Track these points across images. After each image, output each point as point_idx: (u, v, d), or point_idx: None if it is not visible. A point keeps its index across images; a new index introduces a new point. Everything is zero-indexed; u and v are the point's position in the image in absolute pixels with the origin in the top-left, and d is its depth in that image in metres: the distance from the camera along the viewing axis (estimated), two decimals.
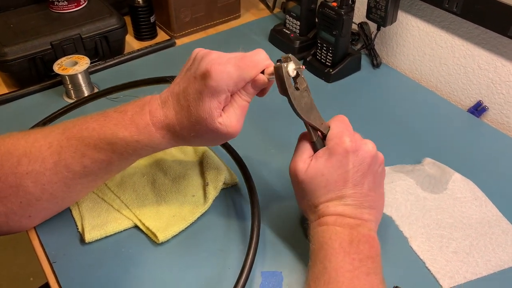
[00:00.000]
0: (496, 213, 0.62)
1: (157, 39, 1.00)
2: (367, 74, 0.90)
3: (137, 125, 0.50)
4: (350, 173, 0.51)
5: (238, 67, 0.48)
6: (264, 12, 1.10)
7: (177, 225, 0.58)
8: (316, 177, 0.52)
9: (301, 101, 0.51)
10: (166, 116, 0.50)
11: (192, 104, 0.48)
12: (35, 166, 0.51)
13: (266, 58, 0.50)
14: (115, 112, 0.52)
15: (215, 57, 0.48)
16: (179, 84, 0.51)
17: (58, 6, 0.90)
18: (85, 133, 0.51)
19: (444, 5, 0.75)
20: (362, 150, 0.52)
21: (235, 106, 0.50)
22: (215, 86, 0.47)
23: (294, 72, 0.49)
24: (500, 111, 0.78)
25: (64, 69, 0.78)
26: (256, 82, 0.49)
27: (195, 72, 0.49)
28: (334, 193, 0.52)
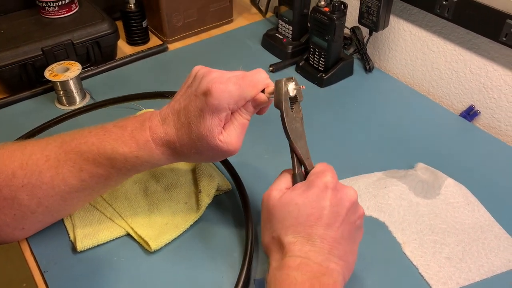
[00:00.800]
0: (488, 218, 0.62)
1: (150, 44, 1.00)
2: (359, 78, 0.90)
3: (137, 141, 0.50)
4: (325, 210, 0.47)
5: (239, 86, 0.49)
6: (256, 17, 1.10)
7: (169, 233, 0.58)
8: (289, 204, 0.48)
9: (293, 123, 0.51)
10: (166, 133, 0.50)
11: (193, 121, 0.49)
12: (31, 179, 0.50)
13: (266, 77, 0.51)
14: (115, 127, 0.51)
15: (216, 76, 0.49)
16: (179, 101, 0.51)
17: (49, 11, 0.89)
18: (84, 147, 0.51)
19: (435, 10, 0.76)
20: (343, 193, 0.48)
21: (236, 124, 0.51)
22: (216, 104, 0.48)
23: (293, 92, 0.51)
24: (492, 116, 0.78)
25: (56, 76, 0.78)
26: (257, 101, 0.50)
27: (196, 90, 0.49)
28: (304, 228, 0.47)
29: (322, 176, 0.49)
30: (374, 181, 0.67)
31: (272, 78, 0.91)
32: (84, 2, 0.95)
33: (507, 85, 0.74)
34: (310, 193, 0.48)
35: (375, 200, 0.64)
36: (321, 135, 0.76)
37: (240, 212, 0.62)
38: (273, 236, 0.48)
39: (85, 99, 0.82)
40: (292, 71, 0.91)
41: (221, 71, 0.51)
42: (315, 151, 0.56)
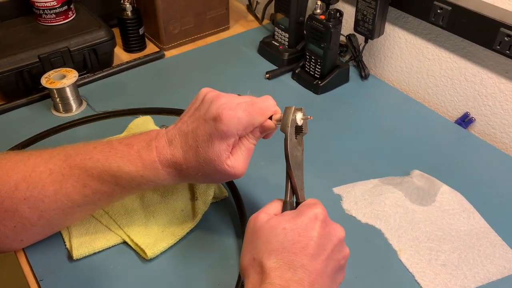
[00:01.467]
0: (484, 225, 0.63)
1: (146, 51, 1.00)
2: (355, 85, 0.90)
3: (143, 161, 0.51)
4: (312, 241, 0.45)
5: (248, 113, 0.50)
6: (253, 24, 1.11)
7: (166, 241, 0.57)
8: (276, 228, 0.46)
9: (294, 150, 0.52)
10: (173, 155, 0.51)
11: (201, 145, 0.50)
12: (34, 192, 0.50)
13: (274, 104, 0.52)
14: (121, 144, 0.52)
15: (225, 102, 0.49)
16: (187, 123, 0.51)
17: (46, 18, 0.90)
18: (89, 163, 0.51)
19: (430, 19, 0.76)
20: (332, 227, 0.47)
21: (243, 149, 0.52)
22: (225, 130, 0.49)
23: (301, 121, 0.52)
24: (487, 123, 0.79)
25: (52, 83, 0.78)
26: (265, 127, 0.52)
27: (205, 114, 0.50)
28: (288, 255, 0.44)
29: (313, 207, 0.47)
30: (370, 188, 0.67)
31: (269, 85, 0.92)
32: (81, 9, 0.95)
33: (502, 92, 0.75)
34: (299, 220, 0.46)
35: (371, 207, 0.64)
36: (317, 142, 0.76)
37: (237, 219, 0.62)
38: (254, 257, 0.45)
39: (81, 107, 0.82)
40: (288, 78, 0.91)
41: (229, 96, 0.51)
42: (311, 158, 0.57)
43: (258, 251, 0.45)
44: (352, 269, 0.57)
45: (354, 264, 0.58)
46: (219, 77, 0.92)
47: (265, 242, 0.45)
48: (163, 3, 0.94)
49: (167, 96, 0.86)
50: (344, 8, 0.94)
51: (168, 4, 0.95)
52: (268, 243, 0.45)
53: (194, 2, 0.98)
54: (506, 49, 0.68)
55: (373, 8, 0.79)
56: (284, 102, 0.85)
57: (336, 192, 0.67)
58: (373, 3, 0.79)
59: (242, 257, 0.47)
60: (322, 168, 0.71)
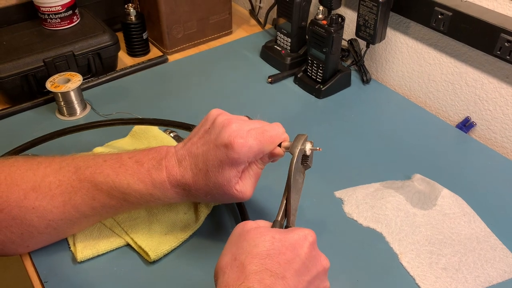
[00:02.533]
0: (484, 229, 0.63)
1: (150, 55, 1.01)
2: (357, 90, 0.91)
3: (153, 180, 0.51)
4: (298, 258, 0.43)
5: (259, 142, 0.51)
6: (255, 28, 1.12)
7: (169, 244, 0.58)
8: (265, 234, 0.44)
9: (297, 174, 0.52)
10: (183, 176, 0.52)
11: (211, 170, 0.51)
12: (43, 202, 0.51)
13: (283, 132, 0.54)
14: (131, 160, 0.52)
15: (236, 129, 0.50)
16: (196, 145, 0.52)
17: (51, 23, 0.91)
18: (99, 178, 0.51)
19: (431, 24, 0.77)
20: (319, 255, 0.46)
21: (251, 174, 0.53)
22: (236, 158, 0.50)
23: (309, 151, 0.53)
24: (488, 127, 0.79)
25: (57, 87, 0.79)
26: (274, 155, 0.53)
27: (216, 139, 0.51)
28: (272, 263, 0.42)
29: (304, 229, 0.46)
30: (371, 192, 0.68)
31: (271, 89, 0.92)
32: (85, 14, 0.96)
33: (502, 97, 0.75)
34: (289, 236, 0.44)
35: (372, 211, 0.65)
36: (318, 146, 0.76)
37: (239, 222, 0.62)
38: (236, 258, 0.43)
39: (85, 110, 0.83)
40: (291, 83, 0.92)
41: (240, 122, 0.51)
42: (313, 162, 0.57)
43: (242, 253, 0.43)
44: (353, 272, 0.58)
45: (355, 268, 0.58)
46: (222, 81, 0.92)
47: (251, 245, 0.43)
48: (166, 8, 0.95)
49: (171, 100, 0.87)
50: (346, 13, 0.95)
51: (171, 9, 0.96)
52: (254, 246, 0.43)
53: (197, 7, 0.99)
54: (506, 55, 0.69)
55: (374, 14, 0.80)
56: (286, 106, 0.86)
57: (338, 196, 0.68)
58: (375, 9, 0.79)
59: (222, 257, 0.45)
60: (324, 172, 0.71)
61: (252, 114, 0.55)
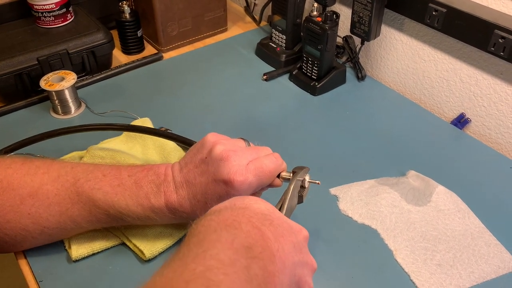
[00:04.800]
0: (478, 225, 0.63)
1: (145, 53, 1.01)
2: (352, 87, 0.91)
3: (151, 205, 0.52)
4: (294, 236, 0.43)
5: (258, 178, 0.51)
6: (250, 25, 1.12)
7: (163, 242, 0.58)
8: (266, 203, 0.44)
9: (292, 198, 0.52)
10: (181, 205, 0.52)
11: (210, 203, 0.51)
12: (39, 209, 0.51)
13: (282, 163, 0.54)
14: (130, 180, 0.52)
15: (235, 165, 0.50)
16: (194, 174, 0.52)
17: (45, 21, 0.90)
18: (97, 195, 0.51)
19: (425, 20, 0.77)
20: (308, 254, 0.45)
21: None
22: (236, 195, 0.49)
23: (307, 183, 0.53)
24: (482, 123, 0.80)
25: (51, 85, 0.78)
26: (273, 186, 0.54)
27: (214, 174, 0.50)
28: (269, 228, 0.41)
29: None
30: (366, 188, 0.68)
31: (266, 86, 0.92)
32: (79, 12, 0.96)
33: (496, 93, 0.75)
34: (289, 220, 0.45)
35: (367, 208, 0.65)
36: (313, 143, 0.76)
37: None
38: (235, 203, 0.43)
39: (80, 108, 0.83)
40: (286, 80, 0.92)
41: (238, 154, 0.50)
42: (307, 159, 0.57)
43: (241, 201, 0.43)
44: (348, 269, 0.58)
45: (350, 264, 0.59)
46: (217, 79, 0.92)
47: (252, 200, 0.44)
48: (161, 6, 0.95)
49: (166, 98, 0.87)
50: (341, 10, 0.95)
51: (166, 6, 0.95)
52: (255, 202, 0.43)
53: (192, 4, 0.99)
54: (500, 51, 0.69)
55: (369, 10, 0.80)
56: (282, 103, 0.86)
57: (333, 193, 0.68)
58: (369, 5, 0.79)
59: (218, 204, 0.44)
60: (319, 169, 0.71)
61: (248, 112, 0.55)
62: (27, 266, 0.58)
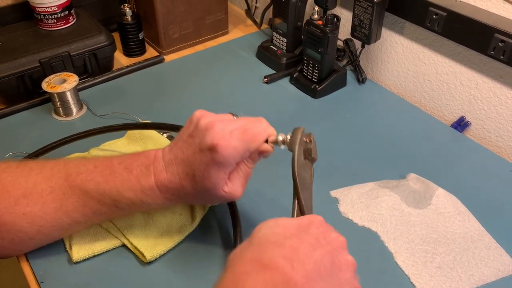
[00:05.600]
0: (479, 228, 0.63)
1: (146, 56, 1.01)
2: (352, 90, 0.91)
3: (142, 187, 0.51)
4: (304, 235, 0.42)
5: (242, 141, 0.49)
6: (251, 28, 1.12)
7: (164, 244, 0.58)
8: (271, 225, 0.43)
9: (302, 171, 0.50)
10: (171, 181, 0.51)
11: (198, 175, 0.50)
12: (34, 208, 0.51)
13: (268, 126, 0.52)
14: (120, 166, 0.52)
15: (219, 131, 0.49)
16: (182, 149, 0.52)
17: (47, 23, 0.91)
18: (89, 186, 0.51)
19: (426, 24, 0.77)
20: (330, 232, 0.44)
21: (240, 174, 0.52)
22: (222, 161, 0.49)
23: (309, 143, 0.52)
24: (482, 126, 0.80)
25: (53, 87, 0.79)
26: (262, 152, 0.51)
27: (200, 144, 0.50)
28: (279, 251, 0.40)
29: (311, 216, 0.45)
30: (366, 191, 0.68)
31: (267, 89, 0.92)
32: (81, 14, 0.96)
33: (496, 97, 0.76)
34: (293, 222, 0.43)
35: (367, 210, 0.65)
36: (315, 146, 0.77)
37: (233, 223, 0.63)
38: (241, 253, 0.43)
39: (82, 110, 0.83)
40: (287, 83, 0.92)
41: (223, 122, 0.50)
42: None
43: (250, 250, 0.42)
44: None
45: None
46: (218, 81, 0.93)
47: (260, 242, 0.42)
48: (162, 8, 0.95)
49: (167, 100, 0.87)
50: (341, 13, 0.95)
51: (167, 9, 0.96)
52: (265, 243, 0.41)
53: (193, 7, 0.99)
54: (500, 54, 0.69)
55: (369, 14, 0.80)
56: (282, 105, 0.86)
57: (333, 195, 0.68)
58: (370, 9, 0.80)
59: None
60: (319, 171, 0.71)
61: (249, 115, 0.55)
62: (29, 267, 0.58)
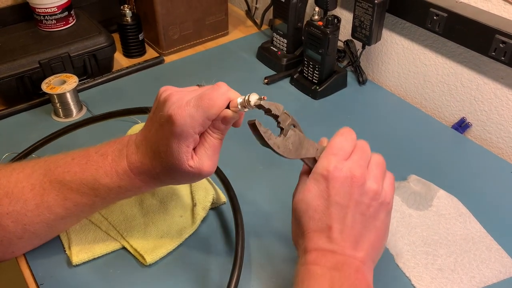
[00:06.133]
0: (480, 230, 0.63)
1: (146, 56, 1.01)
2: (353, 91, 0.91)
3: (117, 171, 0.50)
4: (329, 202, 0.47)
5: (199, 108, 0.45)
6: (252, 29, 1.12)
7: (164, 247, 0.58)
8: (299, 203, 0.49)
9: (287, 144, 0.48)
10: (142, 162, 0.49)
11: (162, 151, 0.47)
12: (16, 207, 0.51)
13: (227, 90, 0.47)
14: (96, 154, 0.51)
15: (175, 101, 0.46)
16: (149, 128, 0.49)
17: (46, 24, 0.90)
18: (67, 177, 0.51)
19: (427, 25, 0.77)
20: (343, 177, 0.47)
21: (206, 146, 0.48)
22: (179, 132, 0.45)
23: (257, 102, 0.46)
24: (483, 128, 0.80)
25: (53, 88, 0.79)
26: (224, 118, 0.47)
27: (160, 117, 0.47)
28: (315, 223, 0.47)
29: (321, 169, 0.48)
30: None
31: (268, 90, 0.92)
32: (81, 15, 0.96)
33: (497, 98, 0.76)
34: (314, 188, 0.48)
35: None
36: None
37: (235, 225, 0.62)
38: (297, 233, 0.49)
39: (81, 111, 0.83)
40: (287, 84, 0.92)
41: (181, 93, 0.47)
42: None
43: (296, 228, 0.50)
44: None
45: None
46: None
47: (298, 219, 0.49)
48: (162, 9, 0.95)
49: None
50: (342, 14, 0.95)
51: (167, 10, 0.96)
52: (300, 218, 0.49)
53: (193, 8, 0.99)
54: (501, 56, 0.69)
55: (370, 15, 0.80)
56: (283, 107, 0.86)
57: None
58: (370, 10, 0.80)
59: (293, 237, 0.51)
60: None
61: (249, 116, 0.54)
62: (28, 269, 0.58)
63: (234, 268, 0.54)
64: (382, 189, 0.49)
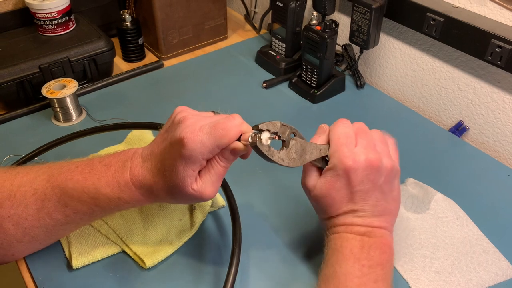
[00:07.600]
0: (477, 232, 0.64)
1: (145, 61, 1.02)
2: (351, 94, 0.92)
3: (118, 182, 0.50)
4: (353, 191, 0.52)
5: (211, 136, 0.47)
6: (250, 33, 1.12)
7: (164, 250, 0.58)
8: (322, 197, 0.53)
9: (291, 154, 0.50)
10: (144, 177, 0.50)
11: (167, 170, 0.48)
12: (18, 210, 0.51)
13: (241, 123, 0.49)
14: (100, 164, 0.52)
15: (189, 125, 0.48)
16: (158, 143, 0.51)
17: (46, 29, 0.91)
18: (69, 184, 0.51)
19: (423, 29, 0.78)
20: (363, 167, 0.51)
21: (212, 173, 0.49)
22: (188, 156, 0.47)
23: (268, 141, 0.48)
24: (480, 131, 0.80)
25: (53, 93, 0.79)
26: (233, 150, 0.49)
27: (172, 137, 0.48)
28: (342, 209, 0.53)
29: (340, 163, 0.51)
30: None
31: (266, 94, 0.92)
32: (81, 20, 0.97)
33: (494, 101, 0.76)
34: (336, 182, 0.52)
35: None
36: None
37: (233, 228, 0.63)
38: (321, 217, 0.57)
39: (81, 116, 0.84)
40: (285, 87, 0.93)
41: (196, 117, 0.49)
42: None
43: (320, 214, 0.57)
44: None
45: None
46: (217, 86, 0.93)
47: (322, 209, 0.55)
48: (162, 14, 0.96)
49: (166, 105, 0.87)
50: (340, 19, 0.96)
51: (167, 14, 0.96)
52: (324, 208, 0.54)
53: (192, 12, 1.00)
54: (497, 60, 0.70)
55: (367, 19, 0.81)
56: (281, 110, 0.87)
57: None
58: (368, 14, 0.80)
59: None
60: None
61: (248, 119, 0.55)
62: (28, 273, 0.58)
63: (229, 271, 0.54)
64: (393, 161, 0.55)
